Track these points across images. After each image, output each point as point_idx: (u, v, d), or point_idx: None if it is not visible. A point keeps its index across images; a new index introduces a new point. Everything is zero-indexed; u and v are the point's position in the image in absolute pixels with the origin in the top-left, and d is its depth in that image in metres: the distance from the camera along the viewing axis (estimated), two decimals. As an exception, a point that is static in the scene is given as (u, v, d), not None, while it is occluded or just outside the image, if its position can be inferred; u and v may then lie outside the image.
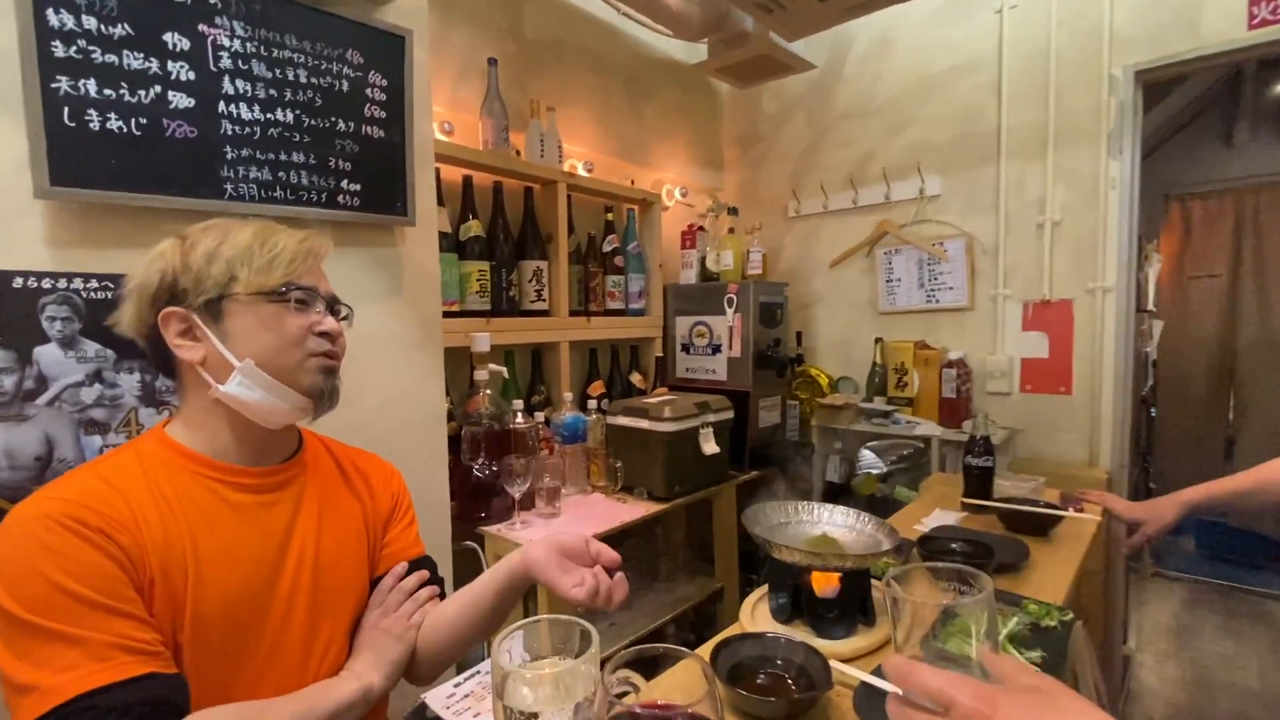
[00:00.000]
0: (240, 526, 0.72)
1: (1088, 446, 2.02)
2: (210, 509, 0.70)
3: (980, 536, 1.11)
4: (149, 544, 0.64)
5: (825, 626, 0.79)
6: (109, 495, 0.64)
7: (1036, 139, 2.05)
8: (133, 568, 0.62)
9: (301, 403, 0.74)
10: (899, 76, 2.34)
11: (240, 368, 0.69)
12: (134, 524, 0.64)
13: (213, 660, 0.66)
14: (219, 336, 0.70)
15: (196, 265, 0.70)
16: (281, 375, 0.72)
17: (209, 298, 0.70)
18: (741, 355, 2.13)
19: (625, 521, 1.58)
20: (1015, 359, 2.12)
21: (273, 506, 0.75)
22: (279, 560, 0.73)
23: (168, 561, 0.64)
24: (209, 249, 0.71)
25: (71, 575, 0.58)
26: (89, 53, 0.94)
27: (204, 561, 0.67)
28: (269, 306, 0.71)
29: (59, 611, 0.57)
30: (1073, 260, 2.02)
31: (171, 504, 0.68)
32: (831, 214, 2.52)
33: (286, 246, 0.73)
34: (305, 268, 0.75)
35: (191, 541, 0.67)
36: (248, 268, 0.71)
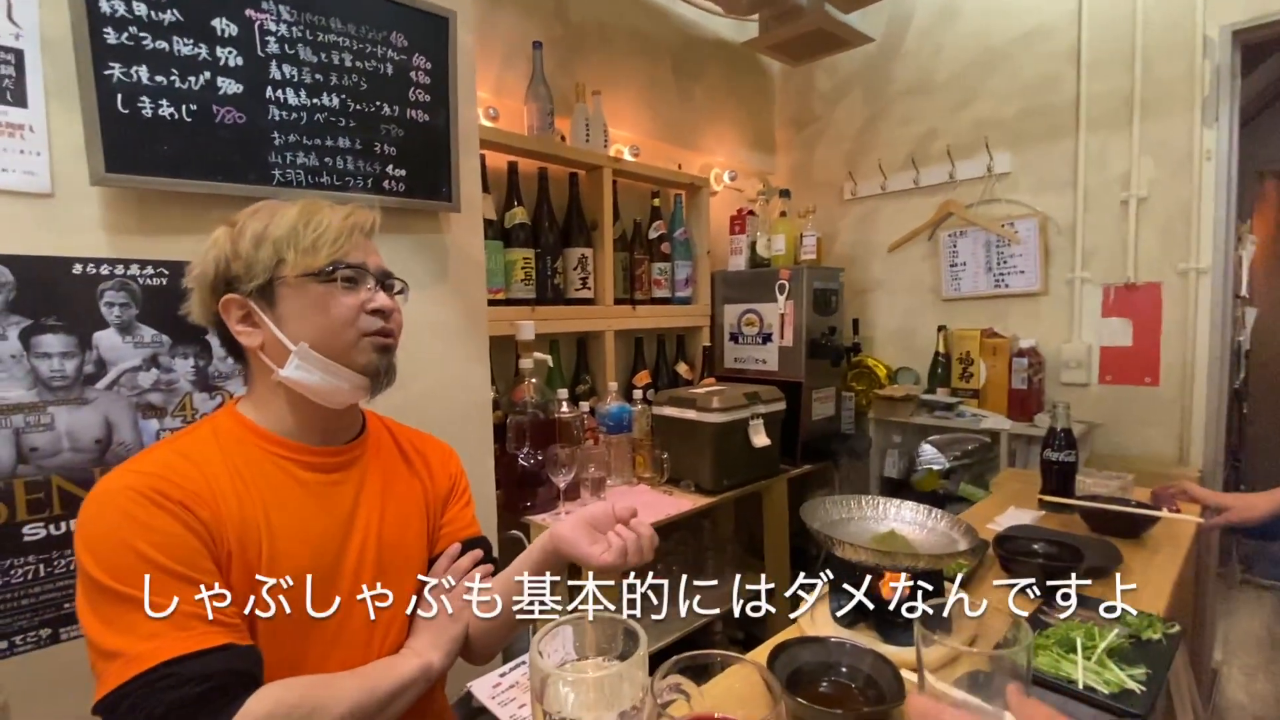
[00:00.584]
0: (309, 504, 0.73)
1: (1176, 442, 1.85)
2: (282, 486, 0.71)
3: (1064, 537, 1.01)
4: (227, 518, 0.65)
5: (894, 632, 0.72)
6: (188, 470, 0.66)
7: (1120, 108, 1.89)
8: (211, 541, 0.64)
9: (360, 382, 0.74)
10: (963, 48, 2.20)
11: (295, 351, 0.70)
12: (212, 498, 0.65)
13: (284, 635, 0.67)
14: (274, 321, 0.71)
15: (245, 251, 0.71)
16: (336, 356, 0.72)
17: (260, 283, 0.70)
18: (794, 344, 2.05)
19: (672, 514, 1.53)
20: (1094, 347, 1.96)
21: (339, 485, 0.76)
22: (345, 538, 0.74)
23: (244, 536, 0.66)
24: (256, 232, 0.71)
25: (155, 545, 0.60)
26: (140, 39, 0.94)
27: (277, 537, 0.68)
28: (318, 287, 0.71)
29: (143, 580, 0.58)
30: (1161, 239, 1.85)
31: (246, 480, 0.69)
32: (890, 195, 2.39)
33: (331, 224, 0.72)
34: (352, 244, 0.73)
35: (265, 517, 0.68)
36: (293, 249, 0.71)
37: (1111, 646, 0.67)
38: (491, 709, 0.93)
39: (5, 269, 0.90)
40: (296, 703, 0.61)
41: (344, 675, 0.68)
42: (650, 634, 1.59)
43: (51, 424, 0.93)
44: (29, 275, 0.91)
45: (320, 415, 0.75)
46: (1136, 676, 0.65)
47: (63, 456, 0.94)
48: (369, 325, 0.73)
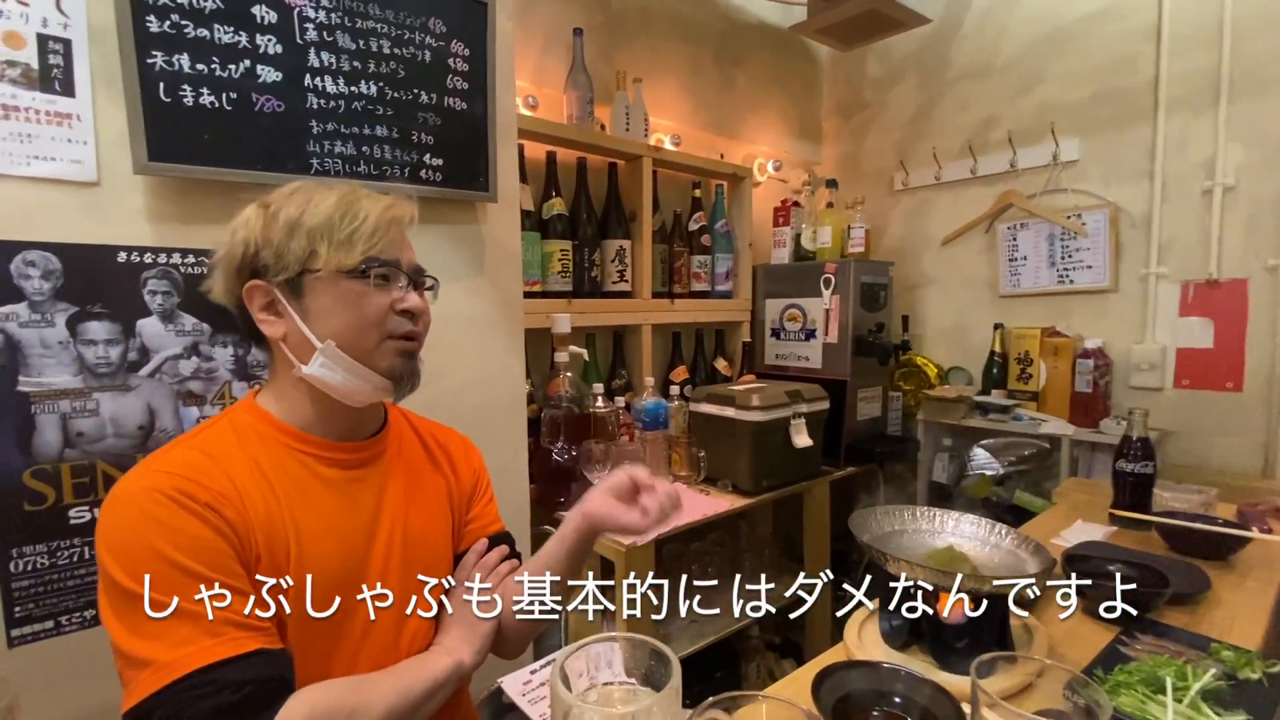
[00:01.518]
0: (334, 502, 0.71)
1: (1262, 453, 1.70)
2: (305, 484, 0.69)
3: (1144, 558, 0.91)
4: (254, 518, 0.63)
5: (952, 659, 0.66)
6: (212, 469, 0.63)
7: (1205, 90, 1.74)
8: (240, 543, 0.61)
9: (382, 384, 0.71)
10: (1028, 27, 2.06)
11: (321, 349, 0.67)
12: (238, 498, 0.63)
13: (313, 636, 0.66)
14: (300, 314, 0.68)
15: (278, 239, 0.67)
16: (360, 357, 0.69)
17: (290, 274, 0.67)
18: (839, 341, 1.96)
19: (709, 515, 1.48)
20: (1169, 349, 1.82)
21: (362, 482, 0.74)
22: (371, 536, 0.72)
23: (271, 537, 0.64)
24: (290, 219, 0.68)
25: (181, 549, 0.57)
26: (182, 27, 0.95)
27: (304, 537, 0.66)
28: (350, 284, 0.68)
29: (172, 584, 0.56)
30: (1249, 232, 1.69)
31: (270, 478, 0.67)
32: (945, 186, 2.27)
33: (369, 216, 0.69)
34: (389, 239, 0.70)
35: (291, 516, 0.66)
36: (328, 242, 0.67)
37: (1206, 688, 0.59)
38: (522, 706, 0.91)
39: (54, 256, 0.91)
40: (334, 706, 0.59)
41: (378, 676, 0.67)
42: (684, 637, 1.54)
43: (96, 410, 0.95)
44: (75, 263, 0.92)
45: (342, 411, 0.73)
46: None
47: (107, 442, 0.96)
48: (396, 327, 0.71)
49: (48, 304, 0.91)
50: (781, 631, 1.94)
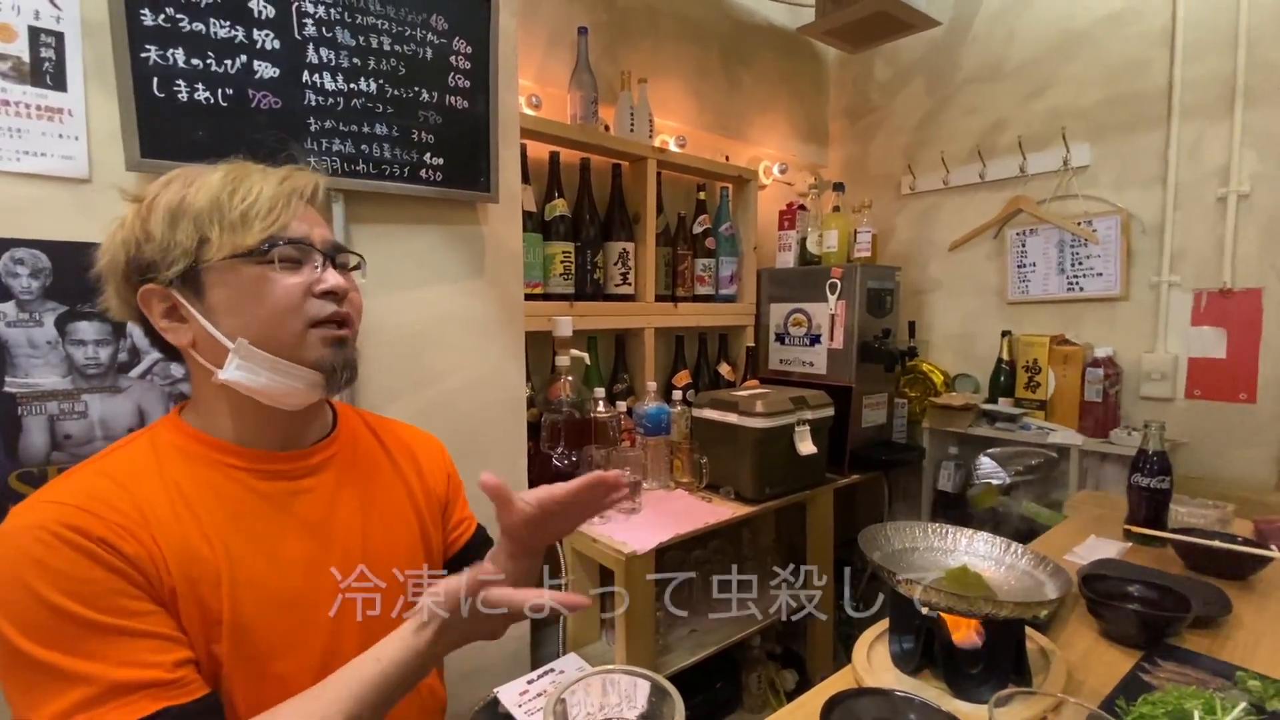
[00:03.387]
0: (275, 519, 0.63)
1: (1276, 466, 1.67)
2: (239, 503, 0.62)
3: (1162, 578, 0.88)
4: (167, 550, 0.56)
5: (965, 685, 0.63)
6: (114, 496, 0.55)
7: (1220, 96, 1.70)
8: (146, 581, 0.54)
9: (314, 378, 0.63)
10: (1039, 31, 2.03)
11: (234, 349, 0.59)
12: (143, 528, 0.55)
13: (261, 669, 0.60)
14: (204, 313, 0.60)
15: (159, 231, 0.59)
16: (282, 351, 0.61)
17: (181, 269, 0.59)
18: (844, 347, 1.94)
19: (710, 523, 1.45)
20: (1181, 358, 1.79)
21: (309, 494, 0.67)
22: (323, 553, 0.65)
23: (192, 569, 0.57)
24: (170, 206, 0.60)
25: (71, 594, 0.50)
26: (177, 20, 0.92)
27: (238, 564, 0.59)
28: (253, 269, 0.60)
29: (58, 638, 0.49)
30: (1264, 241, 1.66)
31: (192, 502, 0.59)
32: (953, 190, 2.24)
33: (263, 191, 0.61)
34: (291, 214, 0.62)
35: (221, 543, 0.59)
36: (218, 225, 0.59)
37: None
38: (518, 717, 0.89)
39: (43, 254, 0.89)
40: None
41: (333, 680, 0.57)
42: (684, 647, 1.50)
43: (85, 412, 0.93)
44: (65, 261, 0.90)
45: (278, 417, 0.65)
46: (1265, 759, 0.55)
47: (95, 445, 0.93)
48: (318, 311, 0.62)
49: (36, 303, 0.89)
50: (783, 641, 1.91)
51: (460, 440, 0.99)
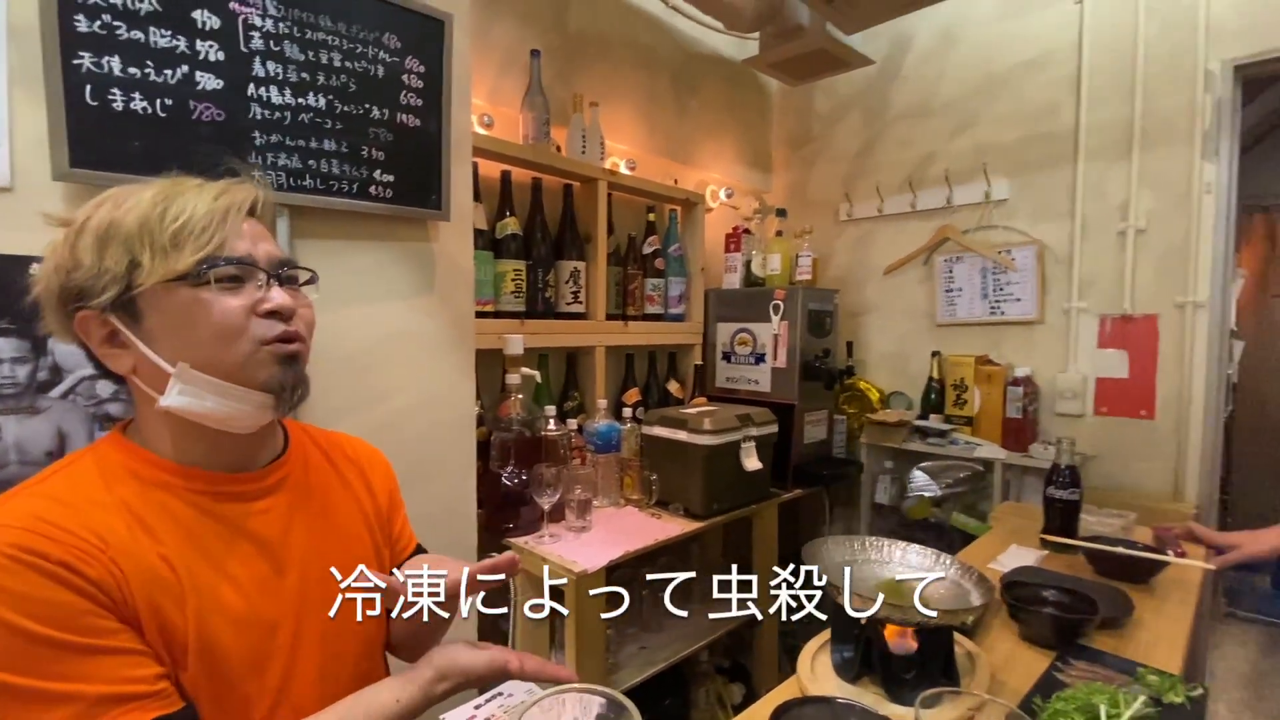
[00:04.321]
0: (232, 541, 0.62)
1: (1172, 477, 1.83)
2: (195, 524, 0.60)
3: (1074, 583, 0.96)
4: (129, 573, 0.54)
5: (901, 690, 0.67)
6: (64, 519, 0.53)
7: (1119, 139, 1.88)
8: (111, 603, 0.52)
9: (264, 400, 0.61)
10: (963, 73, 2.19)
11: (175, 374, 0.57)
12: (103, 552, 0.53)
13: (228, 690, 0.58)
14: (143, 339, 0.58)
15: (88, 258, 0.56)
16: (228, 374, 0.59)
17: (112, 296, 0.56)
18: (787, 365, 2.01)
19: (660, 539, 1.48)
20: (1090, 378, 1.95)
21: (266, 514, 0.65)
22: (280, 574, 0.64)
23: (154, 591, 0.55)
24: (99, 230, 0.57)
25: (37, 618, 0.48)
26: (114, 28, 0.89)
27: (201, 588, 0.58)
28: (188, 293, 0.57)
29: (30, 662, 0.48)
30: (1158, 272, 1.84)
31: (148, 524, 0.57)
32: (887, 218, 2.37)
33: (196, 209, 0.58)
34: (230, 231, 0.59)
35: (182, 564, 0.57)
36: (149, 249, 0.56)
37: (1138, 715, 0.62)
38: (467, 743, 0.88)
39: (-46, 267, 0.84)
40: None
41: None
42: (633, 664, 1.51)
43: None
44: (-20, 274, 0.85)
45: (229, 439, 0.63)
46: (1161, 747, 0.61)
47: (9, 470, 0.88)
48: (265, 331, 0.60)
49: (-55, 318, 0.83)
50: (730, 655, 1.94)
51: (410, 459, 0.98)
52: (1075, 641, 0.81)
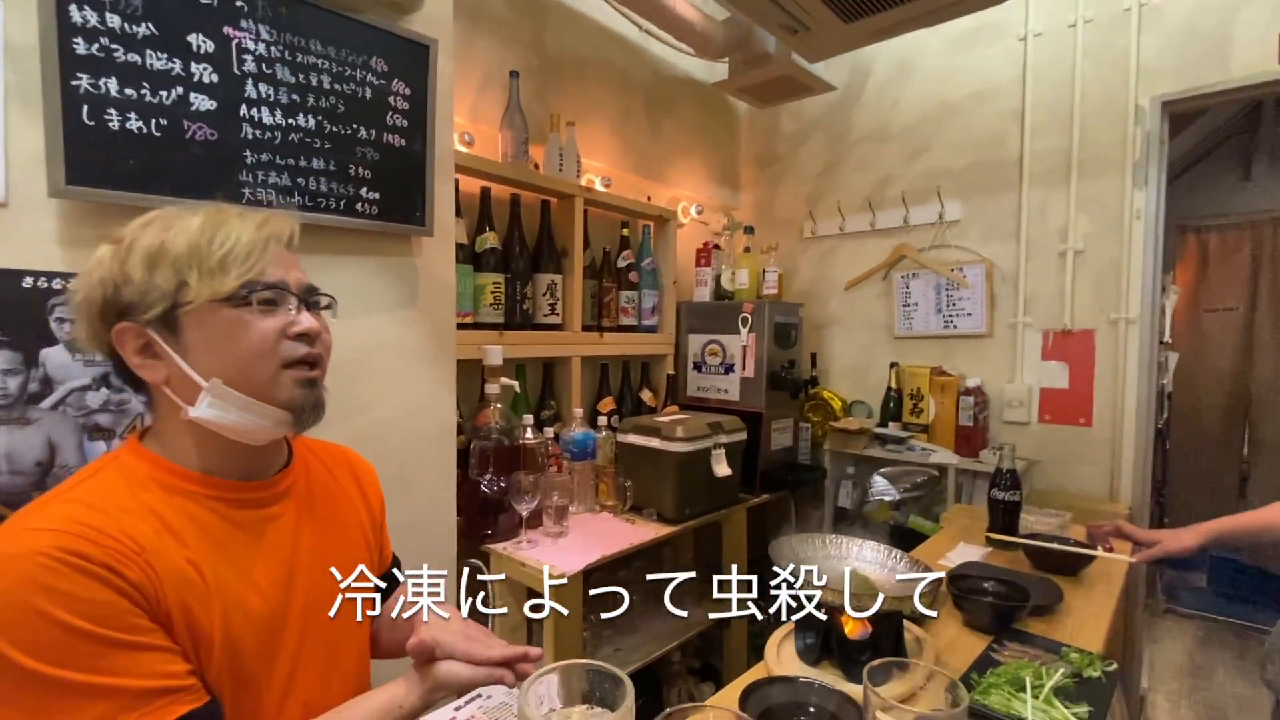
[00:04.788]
0: (250, 546, 0.66)
1: (1108, 480, 1.97)
2: (216, 530, 0.64)
3: (1012, 575, 1.06)
4: (163, 575, 0.58)
5: (857, 670, 0.74)
6: (103, 523, 0.57)
7: (1059, 167, 2.03)
8: (146, 603, 0.56)
9: (283, 418, 0.66)
10: (918, 102, 2.33)
11: (208, 388, 0.62)
12: (139, 555, 0.57)
13: (240, 688, 0.62)
14: (180, 352, 0.62)
15: (138, 275, 0.61)
16: (255, 391, 0.64)
17: (159, 311, 0.61)
18: (755, 376, 2.10)
19: (635, 543, 1.54)
20: (1034, 388, 2.08)
21: (277, 520, 0.70)
22: (289, 577, 0.69)
23: (185, 593, 0.59)
24: (149, 250, 0.62)
25: (83, 615, 0.52)
26: (111, 51, 0.92)
27: (225, 590, 0.62)
28: (230, 313, 0.62)
29: (76, 657, 0.51)
30: (1095, 290, 1.99)
31: (174, 529, 0.61)
32: (848, 236, 2.49)
33: (240, 238, 0.63)
34: (269, 259, 0.65)
35: (207, 567, 0.62)
36: (197, 270, 0.61)
37: (1057, 685, 0.71)
38: (445, 746, 0.91)
39: (-51, 280, 0.85)
40: None
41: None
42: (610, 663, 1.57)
43: (-11, 445, 0.88)
44: (-25, 287, 0.87)
45: (243, 450, 0.67)
46: (1080, 714, 0.69)
47: (0, 480, 0.89)
48: (291, 353, 0.66)
49: (-60, 331, 0.85)
50: (701, 656, 2.00)
51: (391, 468, 1.02)
52: (1010, 626, 0.90)
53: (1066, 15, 2.00)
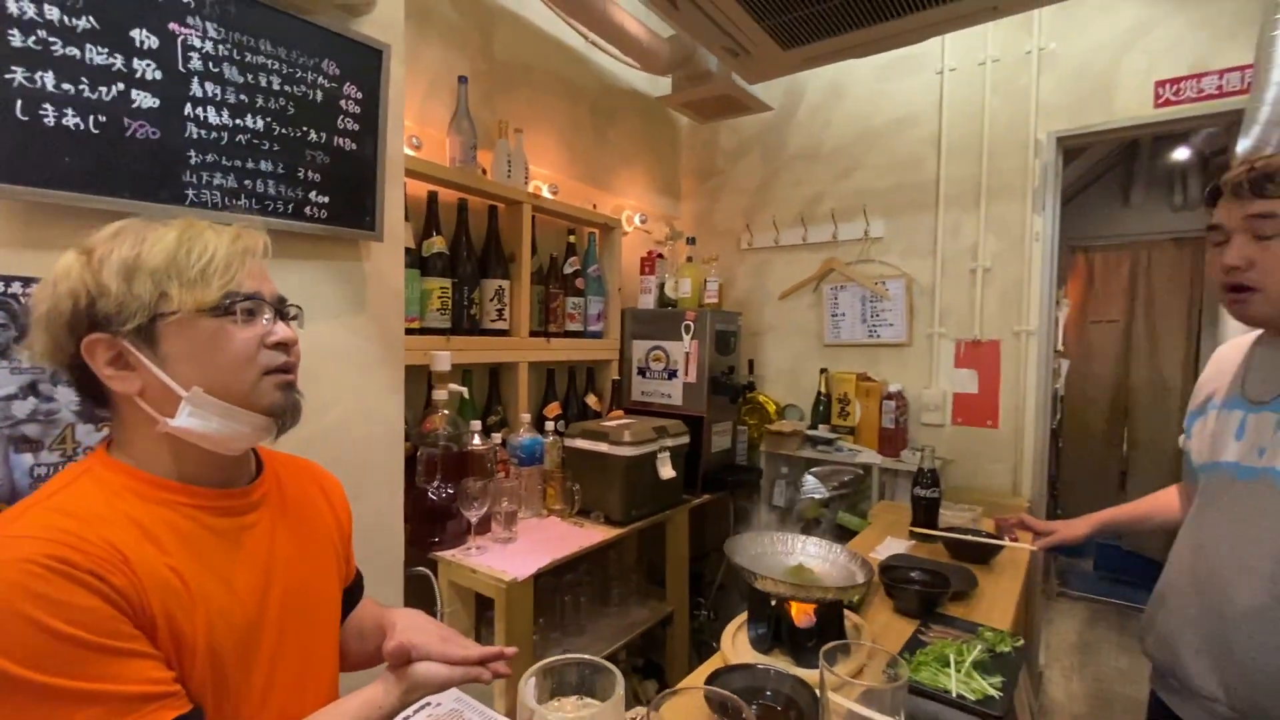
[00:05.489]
0: (230, 554, 0.67)
1: (1012, 476, 2.17)
2: (197, 538, 0.64)
3: (934, 565, 1.18)
4: (146, 582, 0.58)
5: (805, 655, 0.82)
6: (86, 531, 0.56)
7: (971, 192, 2.23)
8: (131, 610, 0.56)
9: (264, 423, 0.67)
10: (847, 125, 2.49)
11: (188, 397, 0.62)
12: (123, 563, 0.57)
13: (221, 694, 0.62)
14: (157, 363, 0.62)
15: (114, 286, 0.60)
16: (236, 398, 0.64)
17: (138, 323, 0.61)
18: (697, 381, 2.18)
19: (584, 546, 1.57)
20: (948, 393, 2.27)
21: (254, 529, 0.70)
22: (267, 586, 0.69)
23: (168, 600, 0.59)
24: (125, 262, 0.61)
25: (71, 622, 0.52)
26: (49, 44, 0.88)
27: (206, 596, 0.62)
28: (211, 323, 0.63)
29: (65, 664, 0.51)
30: (1001, 305, 2.19)
31: (155, 537, 0.61)
32: (782, 249, 2.62)
33: (218, 250, 0.64)
34: (245, 271, 0.66)
35: (193, 576, 0.62)
36: (178, 281, 0.61)
37: (975, 660, 0.81)
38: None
39: None
40: None
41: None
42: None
43: (-101, 458, 0.82)
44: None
45: (218, 459, 0.68)
46: (995, 685, 0.79)
47: (-91, 496, 0.83)
48: (270, 361, 0.67)
49: None
50: (644, 654, 2.06)
51: (339, 475, 1.00)
52: (934, 610, 1.00)
53: (977, 54, 2.20)
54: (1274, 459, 0.84)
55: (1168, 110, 1.89)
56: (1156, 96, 1.90)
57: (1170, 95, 1.88)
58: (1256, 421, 0.88)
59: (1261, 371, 0.92)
